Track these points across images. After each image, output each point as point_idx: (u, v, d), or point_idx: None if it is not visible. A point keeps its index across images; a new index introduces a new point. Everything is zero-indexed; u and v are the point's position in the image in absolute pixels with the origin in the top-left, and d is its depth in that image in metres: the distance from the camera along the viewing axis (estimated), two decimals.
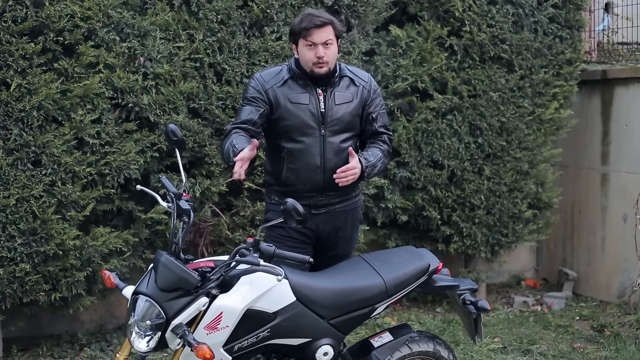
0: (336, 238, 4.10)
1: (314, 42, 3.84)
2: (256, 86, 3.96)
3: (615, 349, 5.68)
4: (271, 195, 4.12)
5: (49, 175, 4.91)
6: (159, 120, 5.22)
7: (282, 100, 3.93)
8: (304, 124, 3.92)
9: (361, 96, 4.03)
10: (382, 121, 4.11)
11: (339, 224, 4.09)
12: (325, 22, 3.85)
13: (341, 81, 4.01)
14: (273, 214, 4.04)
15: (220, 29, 5.36)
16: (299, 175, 3.95)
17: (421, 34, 6.25)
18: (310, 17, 3.87)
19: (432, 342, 3.97)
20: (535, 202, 6.80)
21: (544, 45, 6.54)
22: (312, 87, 3.95)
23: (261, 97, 3.93)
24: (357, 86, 4.03)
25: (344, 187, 3.95)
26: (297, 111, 3.92)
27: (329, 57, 3.88)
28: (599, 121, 7.07)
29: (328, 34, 3.86)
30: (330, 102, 3.95)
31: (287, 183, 3.98)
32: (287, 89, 3.94)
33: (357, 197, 4.20)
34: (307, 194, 3.95)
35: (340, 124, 3.97)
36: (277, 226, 3.78)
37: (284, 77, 3.97)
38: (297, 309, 3.46)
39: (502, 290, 7.34)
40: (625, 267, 6.77)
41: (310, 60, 3.88)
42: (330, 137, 3.95)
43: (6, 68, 4.77)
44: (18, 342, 5.51)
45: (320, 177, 3.95)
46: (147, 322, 3.22)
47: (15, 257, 4.88)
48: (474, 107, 6.33)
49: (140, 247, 5.44)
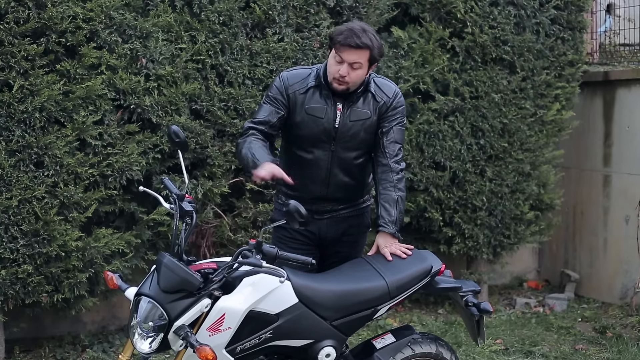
0: (341, 242, 4.07)
1: (343, 59, 3.72)
2: (280, 87, 3.88)
3: (618, 351, 5.68)
4: (279, 195, 4.11)
5: (52, 176, 4.91)
6: (161, 121, 5.22)
7: (300, 108, 3.86)
8: (315, 138, 3.86)
9: (379, 112, 3.91)
10: (394, 137, 3.92)
11: (344, 228, 4.06)
12: (360, 46, 3.69)
13: (363, 96, 3.89)
14: (278, 213, 4.04)
15: (222, 30, 5.36)
16: (304, 183, 3.91)
17: (423, 35, 6.25)
18: (350, 33, 3.70)
19: (435, 343, 3.97)
20: (537, 204, 6.80)
21: (545, 47, 6.54)
22: (332, 100, 3.85)
23: (282, 99, 3.87)
24: (378, 102, 3.90)
25: (349, 196, 3.95)
26: (311, 123, 3.85)
27: (351, 79, 3.75)
28: (601, 123, 7.07)
29: (360, 56, 3.71)
30: (346, 118, 3.85)
31: (292, 188, 3.94)
32: (308, 98, 3.85)
33: (365, 203, 4.16)
34: (310, 201, 3.91)
35: (353, 141, 3.89)
36: (281, 227, 3.79)
37: (309, 84, 3.87)
38: (299, 310, 3.46)
39: (504, 291, 7.34)
40: (628, 269, 6.77)
41: (332, 73, 3.78)
42: (339, 153, 3.89)
43: (8, 69, 4.77)
44: (20, 343, 5.51)
45: (323, 190, 3.92)
46: (150, 323, 3.22)
47: (17, 258, 4.88)
48: (476, 108, 6.33)
49: (143, 249, 5.44)
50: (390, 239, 3.89)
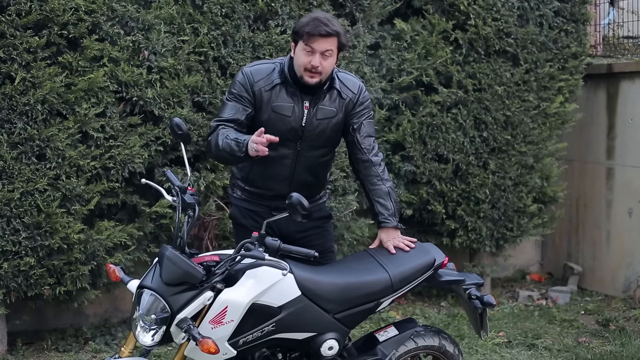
0: (307, 237, 3.97)
1: (314, 49, 3.64)
2: (244, 83, 3.76)
3: (621, 344, 5.67)
4: (234, 189, 4.02)
5: (54, 169, 4.91)
6: (163, 114, 5.22)
7: (266, 106, 3.76)
8: (281, 136, 3.67)
9: (345, 109, 3.86)
10: (366, 131, 3.90)
11: (305, 223, 3.85)
12: (330, 33, 3.63)
13: (328, 93, 3.81)
14: (236, 210, 3.98)
15: (224, 22, 5.35)
16: (266, 181, 3.84)
17: (426, 27, 6.23)
18: (318, 23, 3.63)
19: (438, 336, 3.97)
20: (540, 196, 6.79)
21: (549, 39, 6.52)
22: (299, 97, 3.77)
23: (248, 96, 3.76)
24: (344, 99, 3.84)
25: (310, 194, 3.83)
26: (278, 122, 3.75)
27: (324, 68, 3.68)
28: (604, 115, 7.05)
29: (330, 44, 3.65)
30: (312, 117, 3.79)
31: (252, 184, 3.90)
32: (274, 95, 3.76)
33: (322, 198, 4.11)
34: (270, 198, 3.86)
35: (319, 139, 3.84)
36: (242, 226, 3.80)
37: (274, 81, 3.76)
38: (302, 303, 3.46)
39: (506, 284, 7.33)
40: (631, 262, 6.76)
41: (303, 65, 3.67)
42: (305, 152, 3.83)
43: (10, 62, 4.76)
44: (23, 335, 5.51)
45: (285, 188, 3.79)
46: (152, 316, 3.23)
47: (19, 250, 4.88)
48: (479, 101, 6.32)
49: (145, 241, 5.44)
50: (393, 232, 3.88)
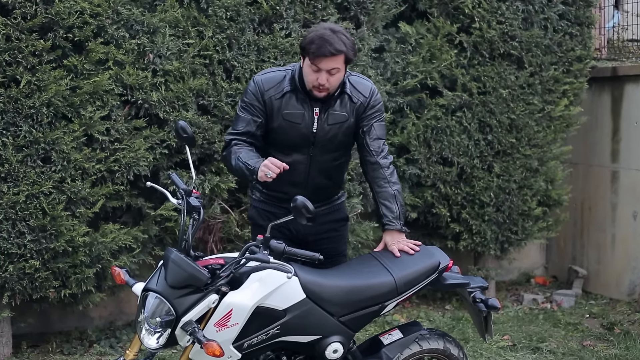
0: (322, 239, 4.02)
1: (320, 68, 3.66)
2: (255, 92, 3.81)
3: (625, 347, 5.67)
4: (253, 191, 4.08)
5: (59, 171, 4.92)
6: (168, 117, 5.22)
7: (277, 114, 3.80)
8: (293, 143, 3.82)
9: (357, 112, 3.87)
10: (376, 134, 3.91)
11: (322, 225, 3.96)
12: (335, 53, 3.62)
13: (339, 98, 3.84)
14: (254, 211, 4.04)
15: (229, 25, 5.35)
16: (282, 185, 3.84)
17: (431, 30, 6.24)
18: (322, 42, 3.61)
19: (442, 339, 3.97)
20: (545, 200, 6.78)
21: (553, 42, 6.52)
22: (309, 104, 3.80)
23: (259, 104, 3.81)
24: (355, 103, 3.86)
25: (326, 196, 3.94)
26: (289, 129, 3.80)
27: (331, 84, 3.71)
28: (609, 118, 7.04)
29: (337, 62, 3.65)
30: (323, 122, 3.81)
31: (269, 187, 3.92)
32: (285, 103, 3.79)
33: (340, 199, 4.14)
34: (287, 201, 3.85)
35: (331, 144, 3.87)
36: (260, 227, 3.80)
37: (284, 88, 3.79)
38: (306, 306, 3.46)
39: (511, 287, 7.32)
40: (636, 265, 6.75)
41: (311, 82, 3.71)
42: (318, 157, 3.87)
43: (16, 65, 4.77)
44: (28, 338, 5.52)
45: (301, 192, 3.73)
46: (157, 319, 3.23)
47: (25, 253, 4.89)
48: (484, 104, 6.32)
49: (150, 244, 5.45)
50: (397, 235, 3.89)
